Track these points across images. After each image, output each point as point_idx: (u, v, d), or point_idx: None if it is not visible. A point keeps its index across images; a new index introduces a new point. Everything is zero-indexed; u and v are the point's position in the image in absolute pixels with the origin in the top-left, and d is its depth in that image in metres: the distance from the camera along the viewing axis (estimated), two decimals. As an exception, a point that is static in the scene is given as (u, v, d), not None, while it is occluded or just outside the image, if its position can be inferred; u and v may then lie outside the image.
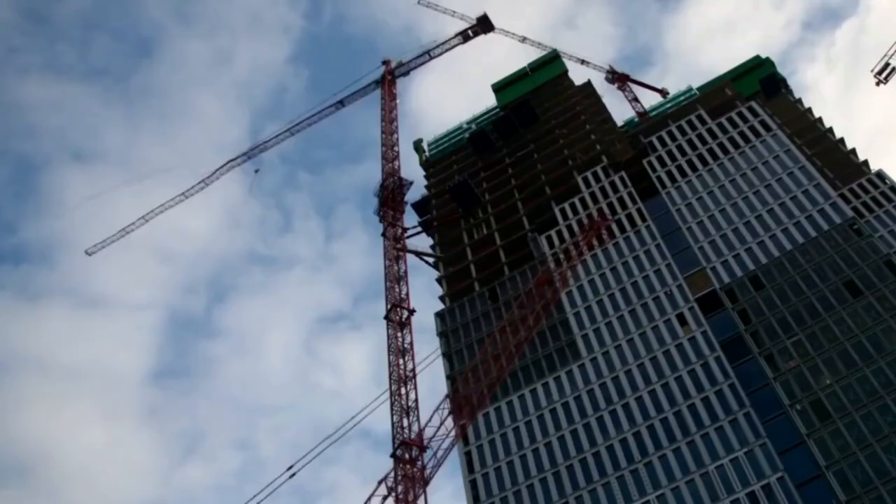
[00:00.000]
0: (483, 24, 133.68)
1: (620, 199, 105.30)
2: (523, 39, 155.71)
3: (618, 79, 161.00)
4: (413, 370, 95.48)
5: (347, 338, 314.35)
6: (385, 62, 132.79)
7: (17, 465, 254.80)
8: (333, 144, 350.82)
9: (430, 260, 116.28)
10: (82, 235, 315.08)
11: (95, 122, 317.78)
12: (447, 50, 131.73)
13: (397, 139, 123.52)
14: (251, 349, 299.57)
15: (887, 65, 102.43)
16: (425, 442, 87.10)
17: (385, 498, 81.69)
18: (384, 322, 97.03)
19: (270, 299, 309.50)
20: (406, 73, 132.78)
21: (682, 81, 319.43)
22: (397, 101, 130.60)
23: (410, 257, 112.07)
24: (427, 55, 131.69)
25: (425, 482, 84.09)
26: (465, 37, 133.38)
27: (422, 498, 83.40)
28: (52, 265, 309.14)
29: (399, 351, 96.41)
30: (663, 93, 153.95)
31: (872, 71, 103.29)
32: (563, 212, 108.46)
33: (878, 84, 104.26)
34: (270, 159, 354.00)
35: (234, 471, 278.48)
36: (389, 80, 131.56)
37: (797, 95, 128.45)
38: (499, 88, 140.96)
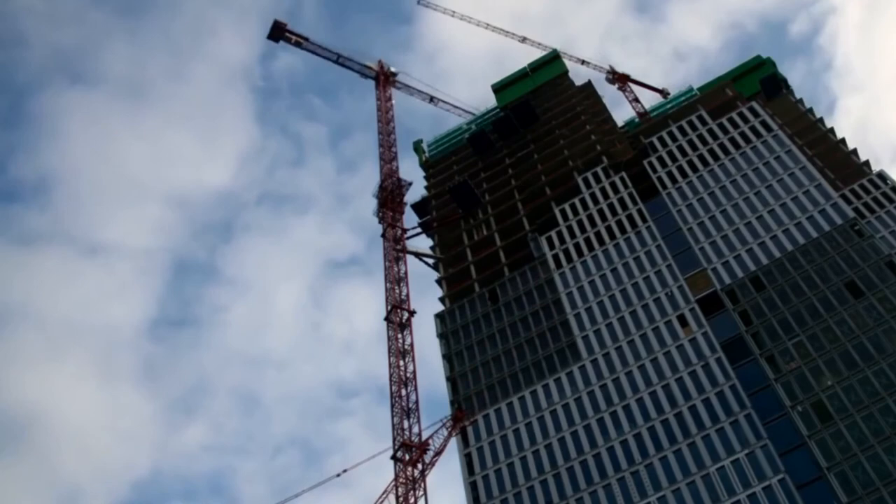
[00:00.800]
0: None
1: (621, 200, 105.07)
2: (523, 39, 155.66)
3: (618, 79, 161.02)
4: (413, 371, 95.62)
5: (360, 284, 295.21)
6: (379, 62, 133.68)
7: (12, 428, 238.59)
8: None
9: (430, 261, 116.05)
10: (81, 171, 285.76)
11: (97, 38, 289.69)
12: None
13: (395, 140, 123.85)
14: (259, 296, 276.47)
15: None
16: (425, 443, 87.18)
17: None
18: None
19: (280, 243, 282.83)
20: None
21: None
22: (393, 101, 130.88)
23: (410, 259, 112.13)
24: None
25: (425, 483, 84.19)
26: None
27: (422, 499, 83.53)
28: (48, 205, 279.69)
29: (399, 352, 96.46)
30: (664, 93, 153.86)
31: None
32: (563, 212, 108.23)
33: None
34: (280, 87, 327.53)
35: (236, 431, 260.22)
36: (384, 80, 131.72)
37: (820, 41, 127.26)
38: (499, 89, 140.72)
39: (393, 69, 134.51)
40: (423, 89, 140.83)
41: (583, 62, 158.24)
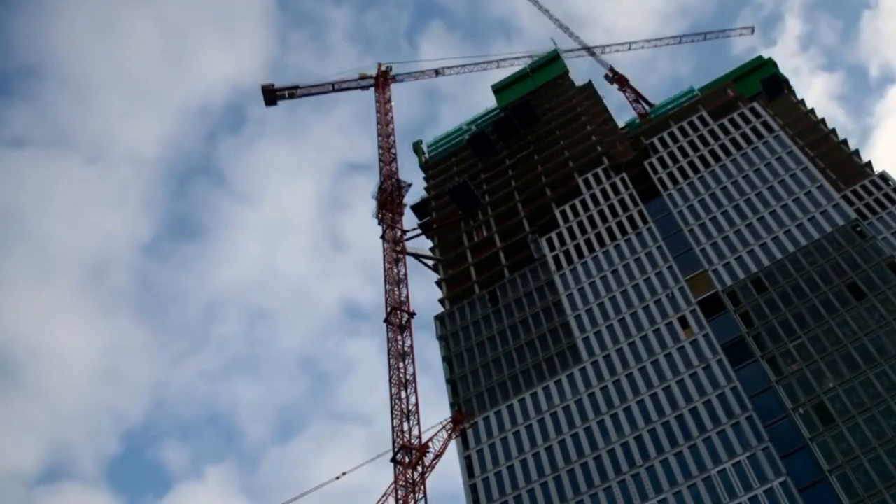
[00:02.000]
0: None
1: (621, 201, 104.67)
2: None
3: (617, 80, 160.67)
4: (413, 374, 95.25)
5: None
6: (378, 65, 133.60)
7: (6, 365, 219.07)
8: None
9: (430, 262, 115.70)
10: (79, 59, 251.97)
11: None
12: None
13: (394, 141, 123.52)
14: (270, 206, 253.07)
15: None
16: (425, 446, 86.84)
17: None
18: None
19: (297, 147, 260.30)
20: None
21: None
22: (392, 103, 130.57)
23: (410, 260, 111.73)
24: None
25: (425, 486, 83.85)
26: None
27: (422, 501, 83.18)
28: (39, 100, 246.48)
29: (399, 354, 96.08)
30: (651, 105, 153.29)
31: None
32: (563, 213, 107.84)
33: None
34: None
35: (239, 351, 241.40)
36: (382, 82, 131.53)
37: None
38: (499, 89, 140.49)
39: (386, 67, 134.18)
40: (426, 67, 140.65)
41: (588, 50, 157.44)
